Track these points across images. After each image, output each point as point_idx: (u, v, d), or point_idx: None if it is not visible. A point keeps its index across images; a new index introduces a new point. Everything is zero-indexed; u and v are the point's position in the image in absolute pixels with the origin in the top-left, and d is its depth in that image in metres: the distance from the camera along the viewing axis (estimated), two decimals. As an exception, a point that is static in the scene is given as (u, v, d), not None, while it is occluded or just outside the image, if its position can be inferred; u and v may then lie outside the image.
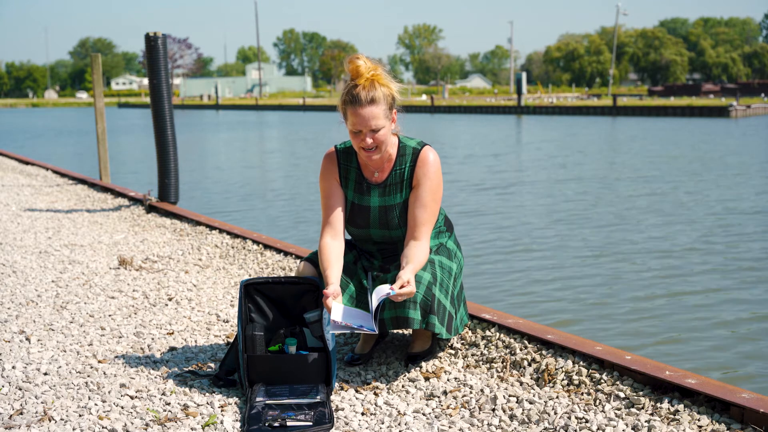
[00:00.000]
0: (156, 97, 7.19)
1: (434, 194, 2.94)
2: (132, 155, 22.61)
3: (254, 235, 5.67)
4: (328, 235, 2.94)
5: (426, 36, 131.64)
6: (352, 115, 2.82)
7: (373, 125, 2.81)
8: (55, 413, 2.64)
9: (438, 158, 2.99)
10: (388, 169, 2.99)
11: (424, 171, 2.93)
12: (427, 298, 2.87)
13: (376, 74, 2.84)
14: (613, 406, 2.64)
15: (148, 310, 3.97)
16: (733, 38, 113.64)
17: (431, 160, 2.95)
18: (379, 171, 3.00)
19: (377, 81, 2.83)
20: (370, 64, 2.85)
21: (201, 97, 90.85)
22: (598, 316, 6.08)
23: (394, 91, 2.87)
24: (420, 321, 2.86)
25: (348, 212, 3.06)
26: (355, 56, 2.86)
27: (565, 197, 12.69)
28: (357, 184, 3.03)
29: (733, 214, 10.70)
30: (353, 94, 2.80)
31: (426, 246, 2.90)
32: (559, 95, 75.10)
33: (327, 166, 3.05)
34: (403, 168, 2.97)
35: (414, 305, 2.85)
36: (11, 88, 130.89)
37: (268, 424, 2.50)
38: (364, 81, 2.81)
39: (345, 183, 3.05)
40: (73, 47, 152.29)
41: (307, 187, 14.38)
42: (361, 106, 2.79)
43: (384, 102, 2.82)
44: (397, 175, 2.98)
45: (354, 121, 2.82)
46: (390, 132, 2.90)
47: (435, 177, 2.94)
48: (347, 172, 3.04)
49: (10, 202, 8.13)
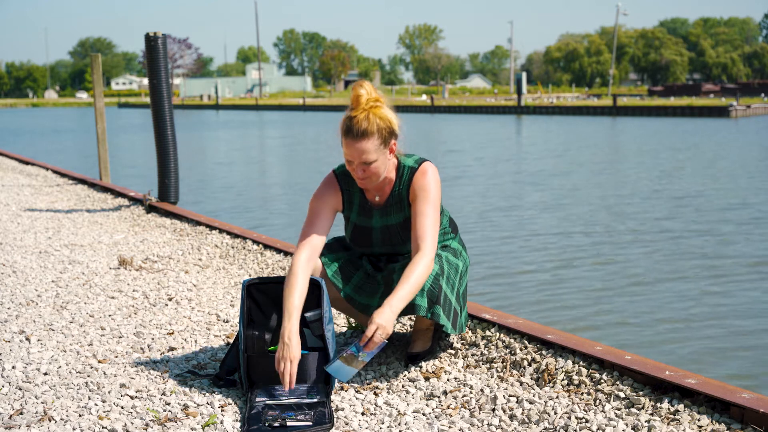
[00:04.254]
0: (156, 97, 7.19)
1: (432, 203, 2.90)
2: (132, 155, 22.61)
3: (254, 235, 5.67)
4: (304, 254, 2.89)
5: (426, 36, 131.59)
6: (345, 146, 2.82)
7: (363, 158, 2.79)
8: (55, 413, 2.64)
9: (435, 171, 2.96)
10: (388, 191, 3.00)
11: (420, 184, 2.91)
12: (433, 288, 2.88)
13: (375, 105, 2.80)
14: (613, 406, 2.64)
15: (148, 310, 3.97)
16: (733, 38, 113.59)
17: (426, 173, 2.93)
18: (380, 194, 3.01)
19: (374, 113, 2.79)
20: (371, 95, 2.81)
21: (201, 97, 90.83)
22: (598, 316, 6.08)
23: (392, 123, 2.83)
24: (426, 309, 2.87)
25: (351, 233, 3.09)
26: (359, 83, 2.83)
27: (565, 197, 12.68)
28: (361, 208, 3.04)
29: (733, 215, 10.70)
30: (348, 125, 2.79)
31: (428, 259, 2.84)
32: (559, 95, 75.09)
33: (326, 191, 3.03)
34: (401, 188, 2.97)
35: (421, 292, 2.86)
36: (11, 88, 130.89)
37: (268, 424, 2.50)
38: (360, 112, 2.79)
39: (349, 207, 3.05)
40: (73, 47, 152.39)
41: (308, 187, 14.38)
42: (354, 139, 2.78)
43: (378, 136, 2.79)
44: (396, 196, 2.98)
45: (347, 152, 2.83)
46: (385, 162, 2.87)
47: (430, 187, 2.91)
48: (351, 196, 3.04)
49: (10, 202, 8.13)
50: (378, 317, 2.69)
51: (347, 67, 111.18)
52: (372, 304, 3.04)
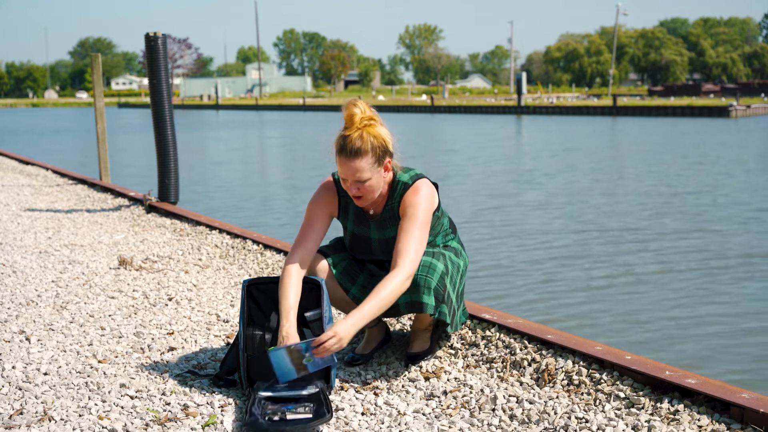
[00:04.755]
0: (156, 97, 7.19)
1: (419, 223, 2.84)
2: (132, 155, 22.61)
3: (254, 235, 5.67)
4: (297, 255, 2.90)
5: (426, 36, 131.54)
6: (339, 164, 2.82)
7: (357, 177, 2.79)
8: (55, 413, 2.64)
9: (429, 188, 2.92)
10: (382, 206, 2.99)
11: (410, 201, 2.88)
12: (439, 287, 2.89)
13: (368, 125, 2.80)
14: (613, 406, 2.65)
15: (148, 310, 3.97)
16: (733, 38, 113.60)
17: (418, 191, 2.89)
18: (374, 208, 3.00)
19: (368, 132, 2.78)
20: (365, 113, 2.80)
21: (201, 97, 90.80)
22: (598, 316, 6.08)
23: (386, 141, 2.83)
24: (434, 307, 2.88)
25: (349, 241, 3.09)
26: (352, 102, 2.82)
27: (565, 197, 12.69)
28: (357, 217, 3.04)
29: (734, 214, 10.70)
30: (341, 144, 2.79)
31: (404, 277, 2.77)
32: (559, 95, 75.09)
33: (323, 195, 3.03)
34: (393, 203, 2.96)
35: (428, 291, 2.86)
36: (11, 88, 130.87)
37: (268, 417, 2.52)
38: (353, 131, 2.78)
39: (345, 215, 3.06)
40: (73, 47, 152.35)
41: (308, 186, 14.38)
42: (347, 158, 2.78)
43: (372, 154, 2.78)
44: (389, 210, 2.98)
45: (341, 170, 2.83)
46: (380, 180, 2.86)
47: (419, 206, 2.86)
48: (347, 204, 3.04)
49: (10, 202, 8.13)
50: (338, 326, 2.64)
51: (347, 67, 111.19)
52: None
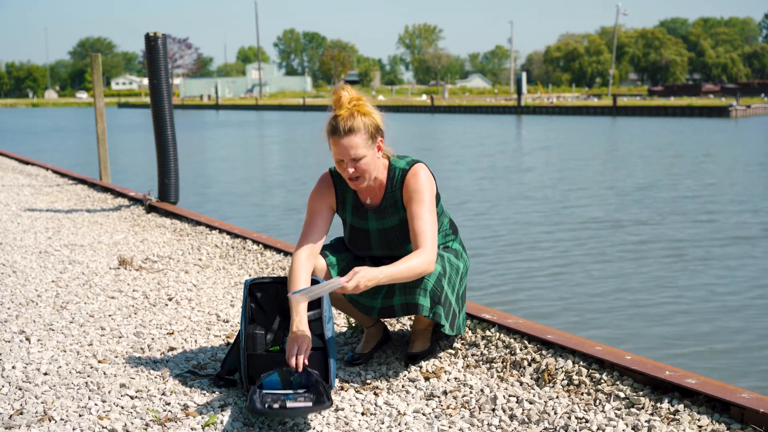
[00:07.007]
0: (156, 97, 7.19)
1: (426, 204, 2.89)
2: (132, 155, 22.61)
3: (254, 235, 5.67)
4: (304, 253, 2.92)
5: (426, 36, 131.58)
6: (333, 145, 2.84)
7: (353, 154, 2.81)
8: (55, 413, 2.64)
9: (427, 171, 2.96)
10: (380, 195, 3.00)
11: (413, 186, 2.91)
12: (436, 288, 2.89)
13: (357, 104, 2.84)
14: (613, 406, 2.65)
15: (148, 310, 3.97)
16: (733, 38, 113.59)
17: (417, 175, 2.93)
18: (372, 197, 3.01)
19: (358, 111, 2.83)
20: (352, 95, 2.86)
21: (201, 97, 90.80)
22: (598, 316, 6.08)
23: (377, 119, 2.87)
24: (429, 309, 2.88)
25: (348, 235, 3.10)
26: (340, 86, 2.89)
27: (565, 197, 12.69)
28: (355, 208, 3.05)
29: (734, 214, 10.70)
30: (333, 124, 2.83)
31: (429, 255, 2.83)
32: (559, 95, 75.09)
33: (322, 189, 3.06)
34: (394, 191, 2.97)
35: (424, 292, 2.87)
36: (11, 88, 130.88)
37: (268, 405, 2.54)
38: (343, 111, 2.82)
39: (343, 207, 3.07)
40: (73, 47, 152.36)
41: (308, 186, 14.39)
42: (340, 137, 2.81)
43: (364, 131, 2.82)
44: (389, 199, 2.99)
45: (335, 151, 2.85)
46: (374, 160, 2.89)
47: (423, 189, 2.90)
48: (344, 196, 3.06)
49: (10, 202, 8.13)
50: (365, 270, 2.65)
51: (347, 67, 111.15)
52: (374, 305, 3.03)
